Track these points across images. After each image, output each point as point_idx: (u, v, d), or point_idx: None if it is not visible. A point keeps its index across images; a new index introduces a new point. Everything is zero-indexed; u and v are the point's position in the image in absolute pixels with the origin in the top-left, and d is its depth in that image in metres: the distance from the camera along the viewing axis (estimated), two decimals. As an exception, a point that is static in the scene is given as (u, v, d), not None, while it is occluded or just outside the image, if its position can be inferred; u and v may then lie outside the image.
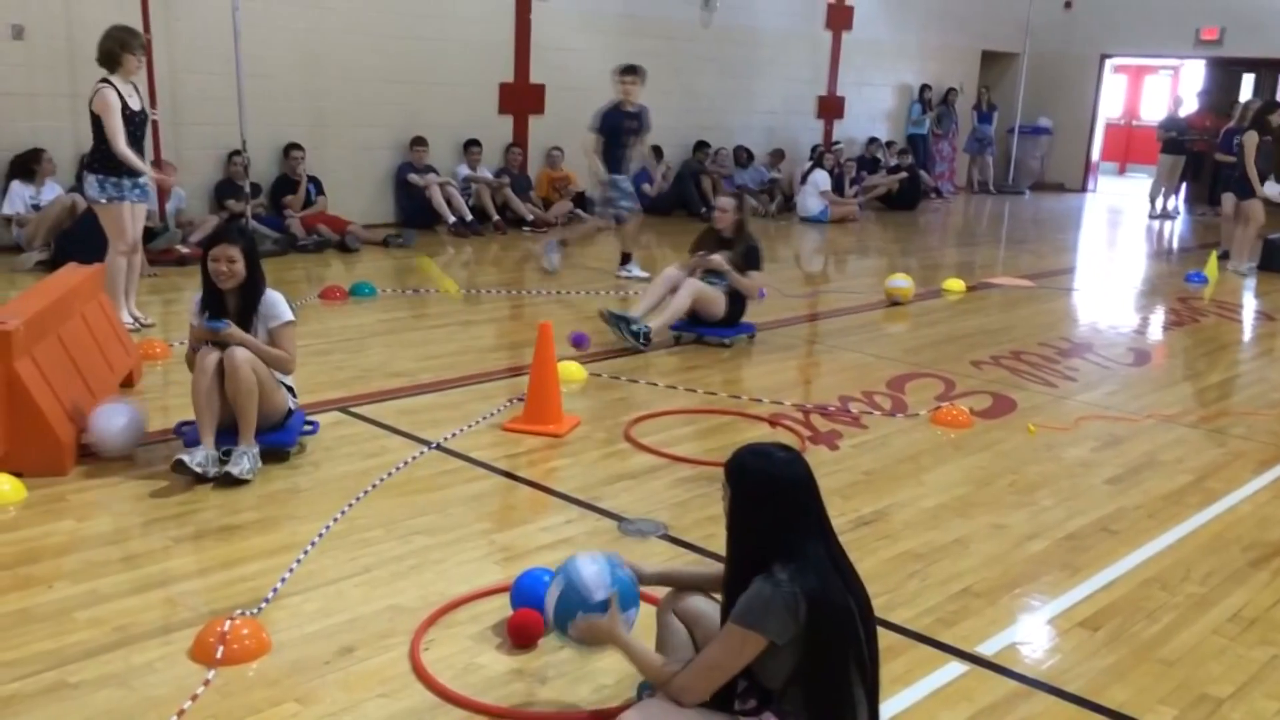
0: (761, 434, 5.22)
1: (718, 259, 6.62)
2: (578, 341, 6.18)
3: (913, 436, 5.32)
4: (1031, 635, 3.45)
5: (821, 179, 13.67)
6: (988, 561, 3.94)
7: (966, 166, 18.07)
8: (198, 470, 4.16)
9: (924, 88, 16.94)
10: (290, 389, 4.59)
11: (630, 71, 9.05)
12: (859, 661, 2.37)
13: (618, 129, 8.94)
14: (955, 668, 3.21)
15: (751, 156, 14.34)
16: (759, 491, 2.41)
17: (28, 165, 8.57)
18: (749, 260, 6.72)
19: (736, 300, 6.77)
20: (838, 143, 15.47)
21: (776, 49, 14.76)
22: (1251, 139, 10.81)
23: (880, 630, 3.31)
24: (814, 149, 14.84)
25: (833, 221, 13.46)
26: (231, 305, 4.37)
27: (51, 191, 8.64)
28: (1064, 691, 3.10)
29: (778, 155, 14.68)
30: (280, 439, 4.51)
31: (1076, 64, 18.51)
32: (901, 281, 8.69)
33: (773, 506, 2.39)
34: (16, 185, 8.58)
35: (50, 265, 7.57)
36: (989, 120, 17.71)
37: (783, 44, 14.83)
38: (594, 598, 2.66)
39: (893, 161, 15.72)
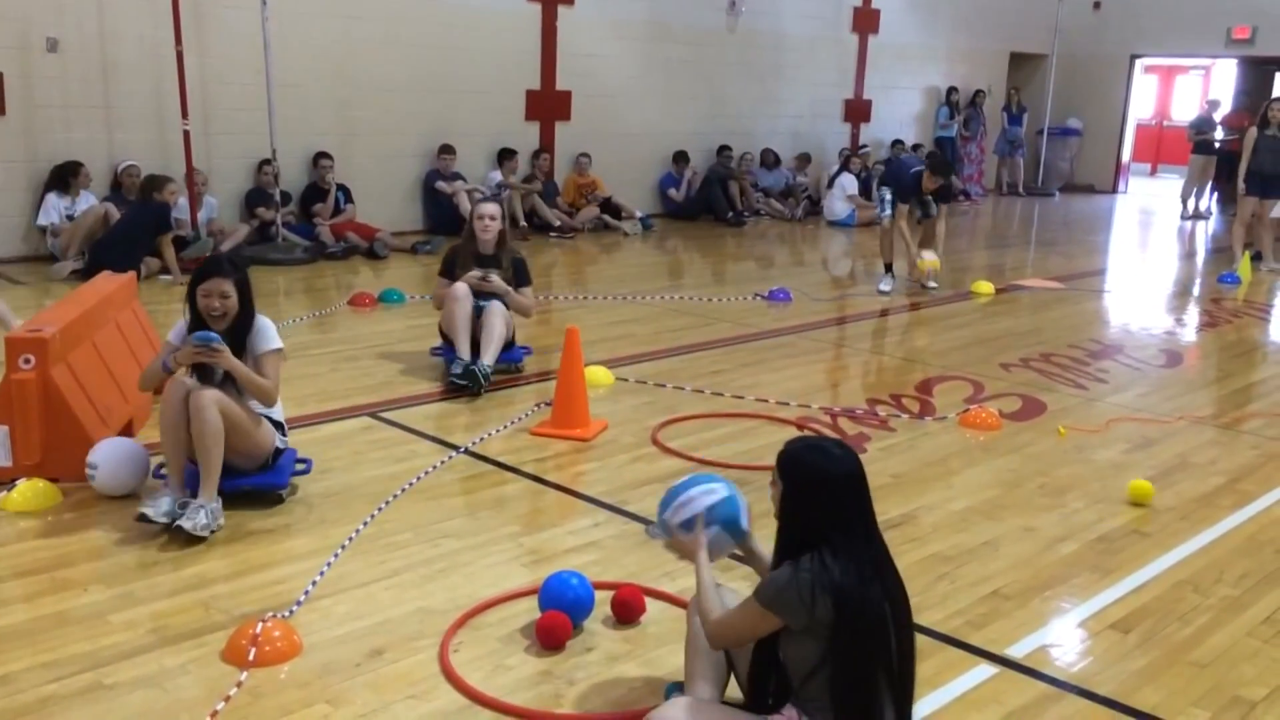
0: (787, 437, 5.18)
1: (501, 282, 5.77)
2: None
3: (941, 439, 5.29)
4: (1062, 638, 3.42)
5: (848, 183, 13.65)
6: (1017, 564, 3.91)
7: (995, 168, 17.97)
8: (163, 521, 3.81)
9: (951, 90, 16.87)
10: (280, 425, 4.25)
11: None
12: (887, 666, 2.36)
13: None
14: (984, 670, 3.19)
15: (779, 160, 14.35)
16: (810, 485, 2.41)
17: (65, 177, 8.70)
18: (520, 277, 5.92)
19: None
20: (865, 146, 15.43)
21: (803, 53, 14.75)
22: (1250, 135, 10.72)
23: (909, 633, 3.34)
24: (841, 152, 14.81)
25: (860, 225, 13.41)
26: (225, 334, 4.03)
27: (86, 202, 8.77)
28: (1095, 694, 3.08)
29: (804, 159, 14.67)
30: (269, 480, 4.16)
31: (1106, 65, 18.37)
32: (930, 254, 8.96)
33: (822, 501, 2.39)
34: (52, 197, 8.71)
35: (84, 274, 7.68)
36: (1019, 122, 17.61)
37: (809, 48, 14.82)
38: (676, 517, 2.78)
39: (921, 164, 15.65)
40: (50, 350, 4.23)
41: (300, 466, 4.39)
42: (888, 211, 9.11)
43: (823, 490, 2.39)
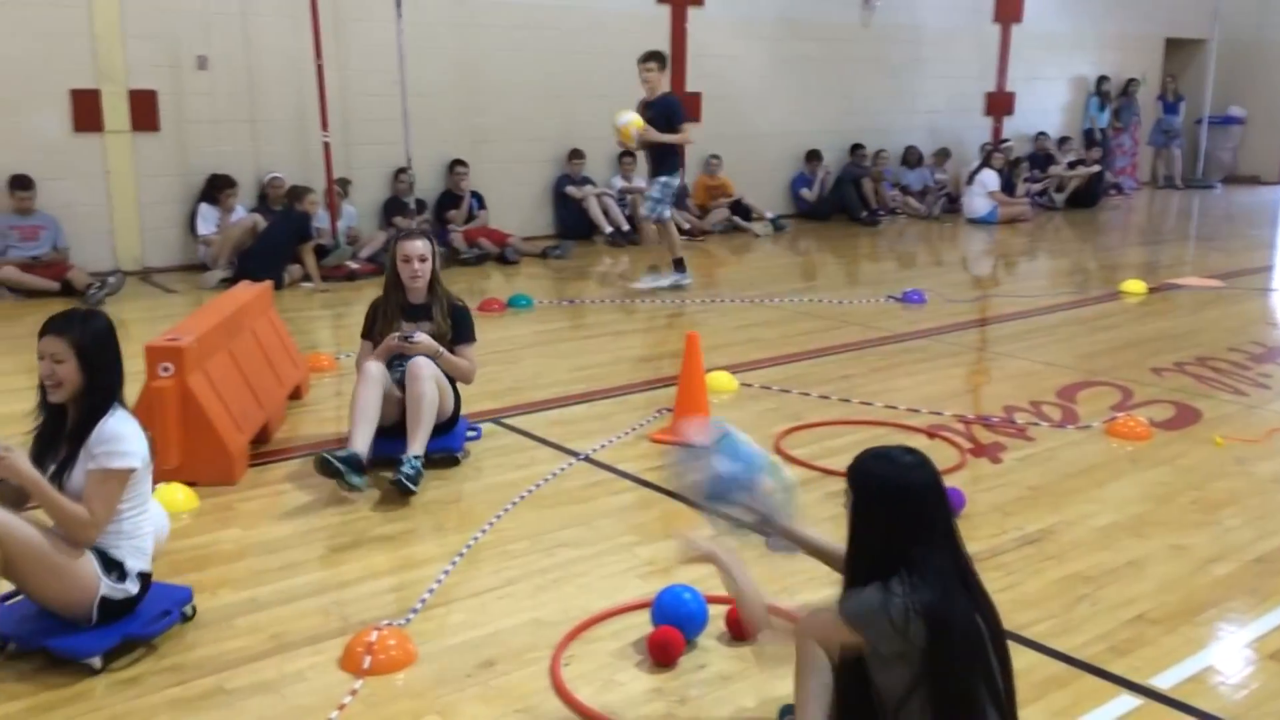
0: (917, 446, 5.00)
1: (429, 342, 4.55)
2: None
3: (1084, 449, 5.01)
4: (1213, 668, 3.16)
5: (990, 179, 13.17)
6: (1166, 586, 3.65)
7: (1150, 160, 17.11)
8: None
9: (1102, 79, 16.12)
10: (116, 565, 3.10)
11: (645, 59, 8.45)
12: (989, 683, 2.24)
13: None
14: (1126, 701, 2.98)
15: (921, 158, 13.97)
16: (882, 497, 2.31)
17: (215, 191, 9.08)
18: (460, 331, 4.69)
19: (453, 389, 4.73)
20: (1007, 140, 14.87)
21: (941, 46, 14.31)
22: None
23: (1044, 659, 3.16)
24: (983, 147, 14.31)
25: (1002, 222, 12.94)
26: (71, 420, 3.12)
27: (237, 214, 9.13)
28: (1251, 733, 2.84)
29: (942, 155, 14.24)
30: (74, 646, 3.03)
31: (1272, 49, 17.25)
32: (626, 117, 8.21)
33: (896, 513, 2.29)
34: (204, 207, 9.11)
35: (232, 282, 7.96)
36: (1175, 111, 16.72)
37: (947, 40, 14.37)
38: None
39: (1070, 157, 15.01)
40: (188, 359, 4.38)
41: (165, 617, 3.19)
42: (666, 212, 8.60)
43: (895, 501, 2.29)
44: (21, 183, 8.28)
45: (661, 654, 3.14)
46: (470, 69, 10.46)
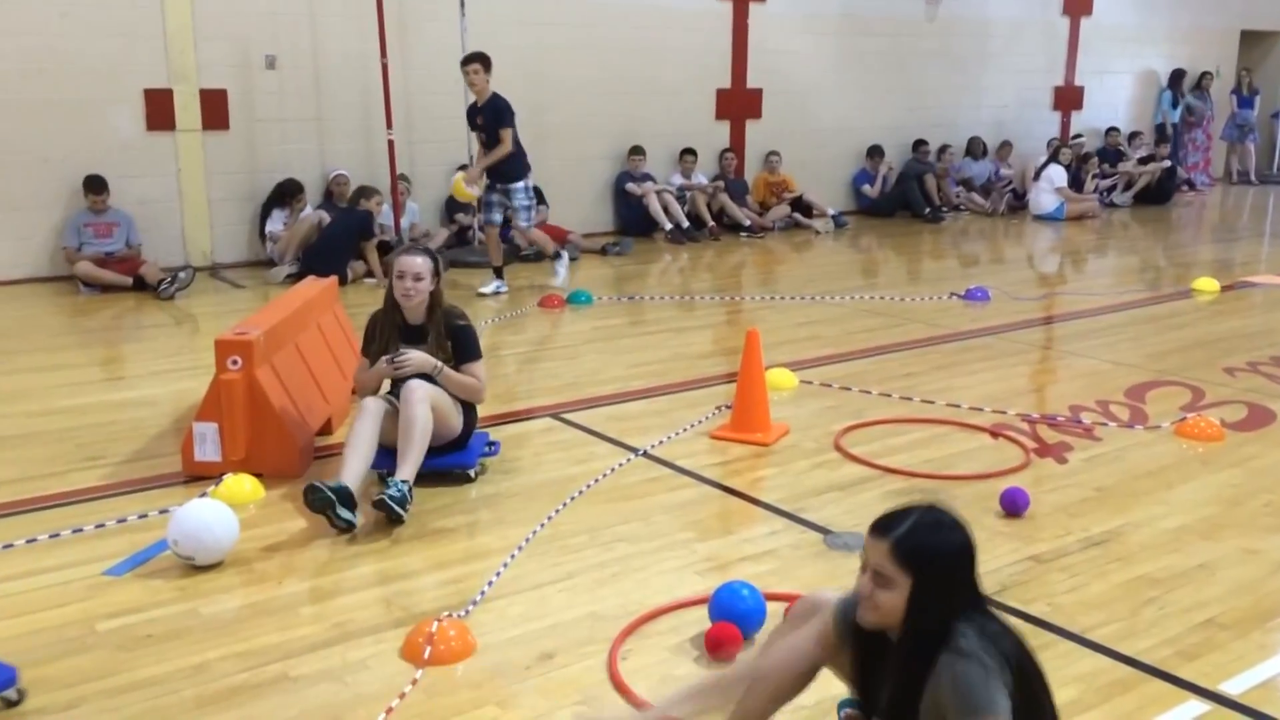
0: (979, 445, 4.95)
1: (421, 359, 4.30)
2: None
3: (1153, 450, 4.91)
4: (1287, 675, 3.09)
5: (1057, 174, 12.93)
6: (1237, 590, 3.57)
7: (1224, 156, 16.69)
8: None
9: (1176, 73, 15.76)
10: None
11: (469, 60, 8.06)
12: (1051, 707, 2.25)
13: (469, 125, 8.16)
14: (1195, 706, 2.92)
15: (986, 149, 13.78)
16: (948, 569, 2.22)
17: (285, 196, 9.24)
18: (463, 350, 4.44)
19: (467, 409, 4.50)
20: (1078, 135, 14.59)
21: (1008, 39, 14.10)
22: None
23: (1112, 663, 3.10)
24: (1050, 142, 14.06)
25: (1069, 219, 12.71)
26: None
27: (304, 211, 9.28)
28: (1325, 742, 2.76)
29: (1006, 149, 14.02)
30: None
31: (1353, 39, 16.76)
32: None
33: (959, 579, 2.24)
34: (273, 210, 9.26)
35: (297, 278, 8.11)
36: (1250, 105, 16.30)
37: (1015, 33, 14.15)
38: None
39: (1141, 152, 14.70)
40: (256, 352, 4.46)
41: None
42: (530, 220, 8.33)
43: (959, 568, 2.23)
44: (95, 186, 8.47)
45: (719, 649, 3.14)
46: (532, 66, 10.52)
